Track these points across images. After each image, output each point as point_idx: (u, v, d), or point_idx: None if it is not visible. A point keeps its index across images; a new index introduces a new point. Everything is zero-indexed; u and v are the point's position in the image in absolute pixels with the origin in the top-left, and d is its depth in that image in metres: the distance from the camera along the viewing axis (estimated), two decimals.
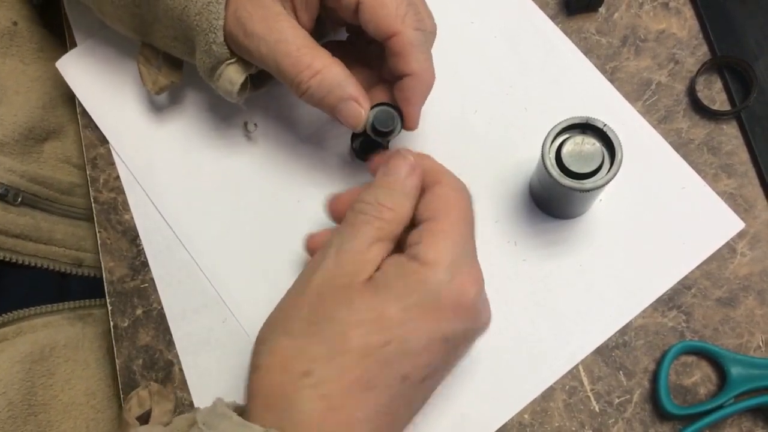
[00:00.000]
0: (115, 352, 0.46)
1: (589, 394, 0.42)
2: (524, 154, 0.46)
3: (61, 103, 0.53)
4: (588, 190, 0.37)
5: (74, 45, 0.51)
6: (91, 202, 0.48)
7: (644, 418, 0.42)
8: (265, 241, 0.46)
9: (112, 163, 0.49)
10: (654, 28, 0.47)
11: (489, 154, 0.46)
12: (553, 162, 0.37)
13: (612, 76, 0.47)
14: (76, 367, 0.46)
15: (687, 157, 0.45)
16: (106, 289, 0.47)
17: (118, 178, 0.48)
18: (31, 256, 0.47)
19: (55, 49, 0.54)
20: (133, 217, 0.47)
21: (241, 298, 0.45)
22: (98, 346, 0.49)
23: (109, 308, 0.46)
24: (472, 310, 0.33)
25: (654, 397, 0.42)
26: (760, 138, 0.44)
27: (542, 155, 0.37)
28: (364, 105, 0.38)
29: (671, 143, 0.45)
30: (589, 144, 0.37)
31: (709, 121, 0.45)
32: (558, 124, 0.37)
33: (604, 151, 0.37)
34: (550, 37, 0.47)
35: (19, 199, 0.46)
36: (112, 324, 0.46)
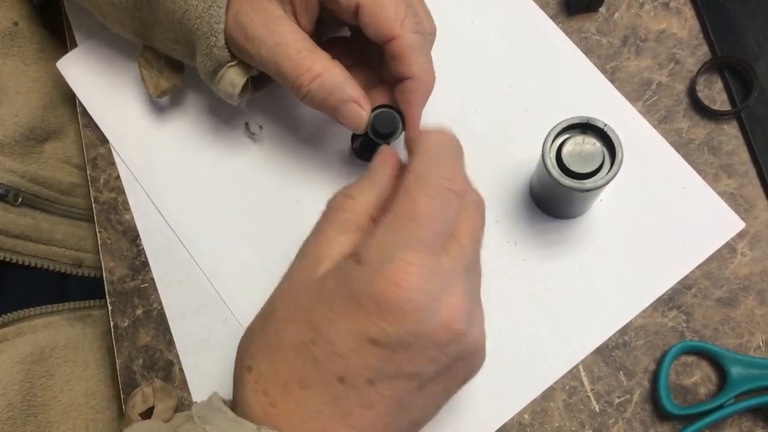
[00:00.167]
0: (116, 352, 0.46)
1: (589, 394, 0.42)
2: (524, 154, 0.46)
3: (61, 104, 0.53)
4: (588, 190, 0.37)
5: (75, 45, 0.51)
6: (92, 202, 0.48)
7: (644, 418, 0.42)
8: (266, 241, 0.46)
9: (113, 163, 0.49)
10: (654, 28, 0.47)
11: (489, 154, 0.46)
12: (554, 162, 0.37)
13: (612, 76, 0.47)
14: (76, 368, 0.46)
15: (687, 157, 0.45)
16: (107, 289, 0.47)
17: (118, 178, 0.48)
18: (31, 257, 0.47)
19: (55, 50, 0.54)
20: (133, 217, 0.47)
21: (241, 298, 0.45)
22: (98, 347, 0.49)
23: (110, 308, 0.46)
24: (406, 311, 0.29)
25: (654, 397, 0.42)
26: (761, 138, 0.44)
27: (542, 155, 0.37)
28: (365, 107, 0.39)
29: (671, 143, 0.45)
30: (590, 144, 0.37)
31: (710, 121, 0.45)
32: (558, 124, 0.37)
33: (605, 151, 0.37)
34: (551, 36, 0.47)
35: (20, 199, 0.46)
36: (113, 324, 0.46)
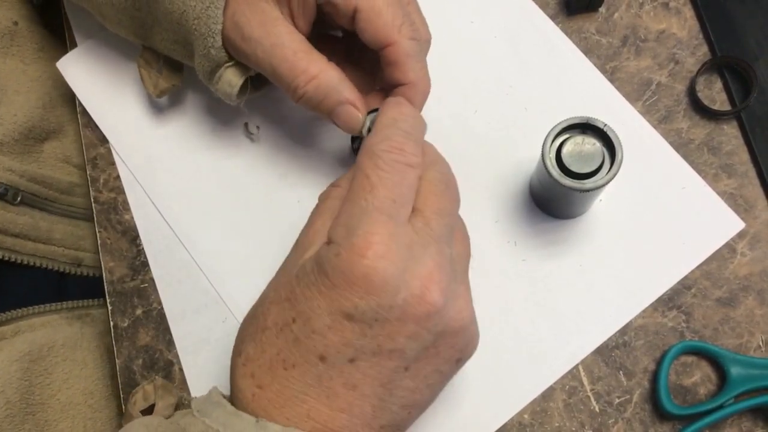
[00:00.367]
0: (115, 352, 0.46)
1: (589, 394, 0.42)
2: (524, 154, 0.46)
3: (61, 103, 0.53)
4: (588, 190, 0.37)
5: (74, 45, 0.51)
6: (91, 201, 0.48)
7: (644, 418, 0.42)
8: (266, 241, 0.46)
9: (112, 163, 0.49)
10: (654, 28, 0.47)
11: (489, 154, 0.46)
12: (554, 162, 0.37)
13: (612, 76, 0.47)
14: (74, 367, 0.46)
15: (687, 157, 0.45)
16: (106, 289, 0.47)
17: (118, 177, 0.48)
18: (30, 256, 0.47)
19: (55, 49, 0.54)
20: (133, 217, 0.47)
21: (241, 298, 0.45)
22: (96, 346, 0.49)
23: (109, 308, 0.46)
24: (374, 282, 0.30)
25: (654, 397, 0.42)
26: (761, 138, 0.44)
27: (542, 155, 0.37)
28: (361, 109, 0.39)
29: (671, 143, 0.45)
30: (590, 144, 0.37)
31: (710, 121, 0.45)
32: (558, 124, 0.37)
33: (605, 151, 0.37)
34: (551, 37, 0.47)
35: (19, 198, 0.46)
36: (112, 324, 0.46)
